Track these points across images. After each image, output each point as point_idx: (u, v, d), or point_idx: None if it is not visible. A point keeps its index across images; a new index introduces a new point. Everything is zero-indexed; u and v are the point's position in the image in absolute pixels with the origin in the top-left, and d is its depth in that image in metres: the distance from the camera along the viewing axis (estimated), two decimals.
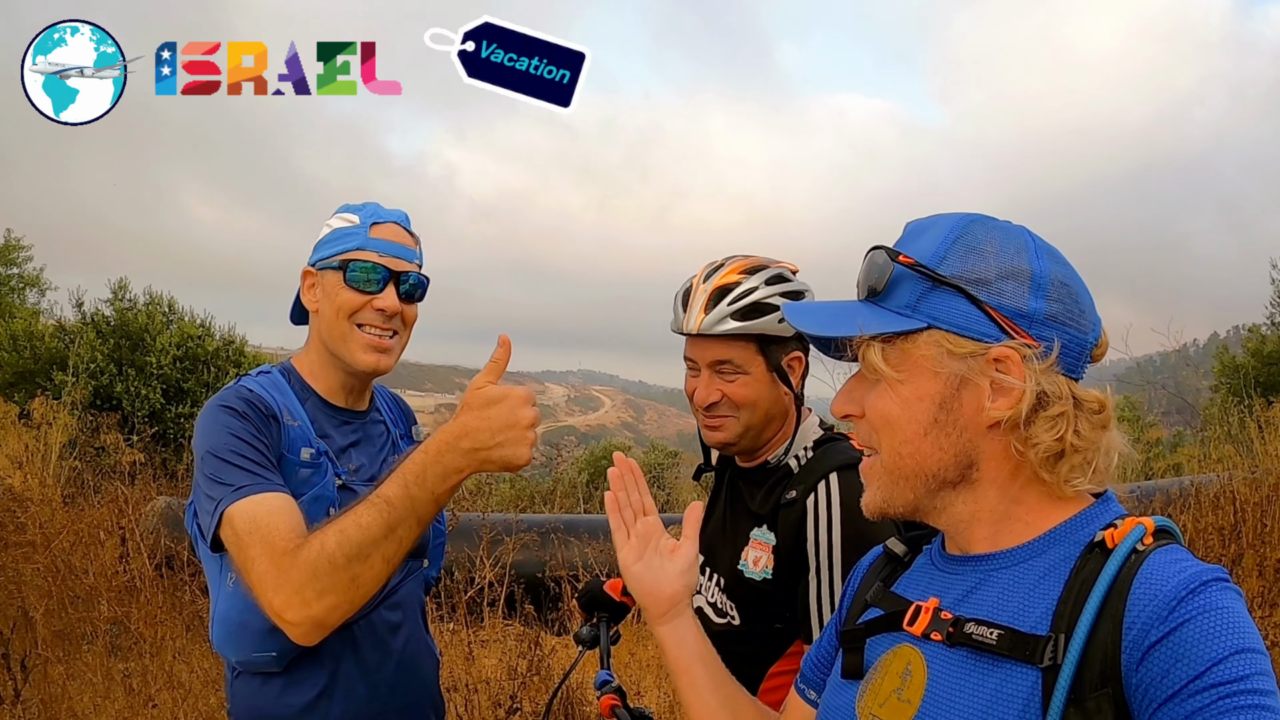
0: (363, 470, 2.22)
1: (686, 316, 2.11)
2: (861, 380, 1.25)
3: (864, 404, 1.24)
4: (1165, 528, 1.12)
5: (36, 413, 8.87)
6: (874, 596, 1.35)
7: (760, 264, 2.13)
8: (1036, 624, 1.08)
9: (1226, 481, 6.32)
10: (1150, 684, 0.97)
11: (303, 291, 2.24)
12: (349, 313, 2.15)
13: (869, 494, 1.26)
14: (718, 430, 2.16)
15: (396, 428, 2.41)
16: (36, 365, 12.41)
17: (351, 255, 2.15)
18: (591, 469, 17.17)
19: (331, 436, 2.20)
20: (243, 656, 2.08)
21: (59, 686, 4.86)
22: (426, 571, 2.39)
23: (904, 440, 1.19)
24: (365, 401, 2.33)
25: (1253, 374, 12.18)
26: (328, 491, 2.08)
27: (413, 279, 2.21)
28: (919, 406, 1.17)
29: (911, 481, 1.20)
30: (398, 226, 2.23)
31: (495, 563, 5.76)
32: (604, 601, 2.75)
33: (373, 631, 2.17)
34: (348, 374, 2.22)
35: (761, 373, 2.11)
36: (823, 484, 2.04)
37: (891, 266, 1.19)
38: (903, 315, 1.17)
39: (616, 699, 2.31)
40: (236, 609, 2.05)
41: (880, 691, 1.23)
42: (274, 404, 2.09)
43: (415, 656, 2.27)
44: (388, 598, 2.21)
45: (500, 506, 11.32)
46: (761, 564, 2.10)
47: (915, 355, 1.16)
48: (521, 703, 4.51)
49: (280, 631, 1.91)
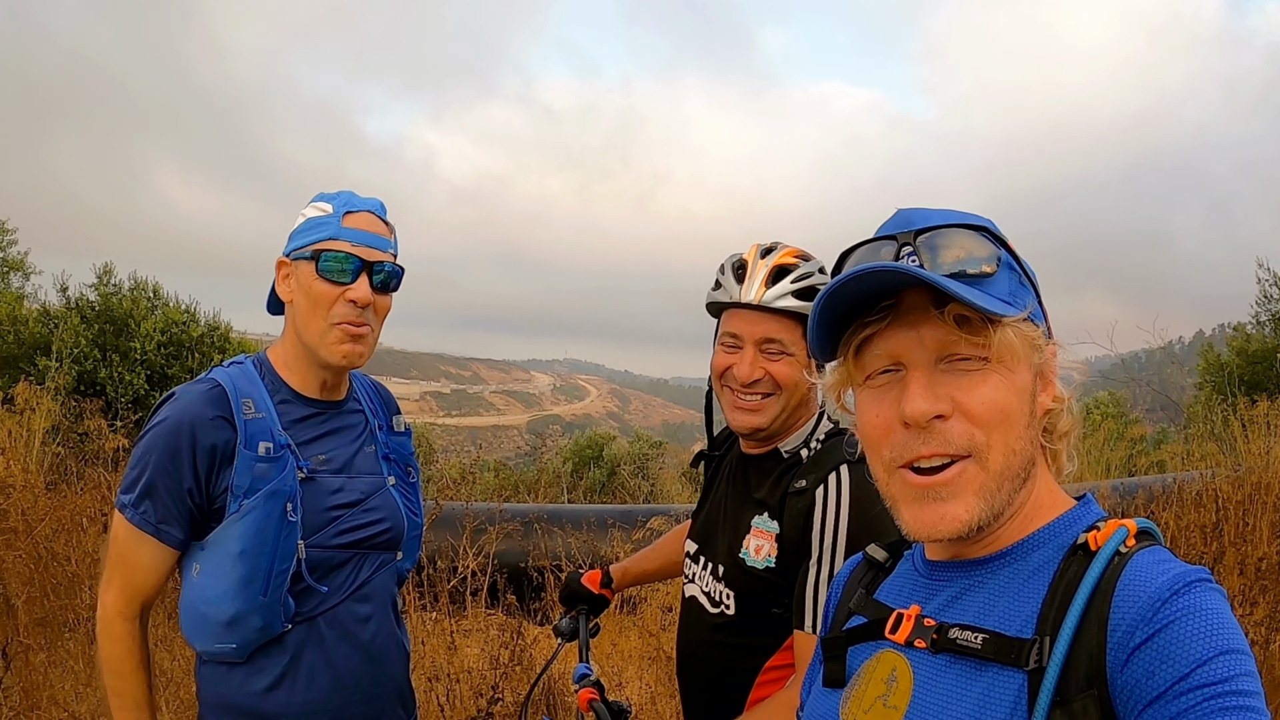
0: (333, 461, 2.22)
1: (745, 288, 2.09)
2: (934, 374, 1.14)
3: (955, 400, 1.12)
4: (1147, 529, 1.12)
5: (19, 398, 8.80)
6: (857, 604, 1.35)
7: (809, 254, 2.15)
8: (1021, 628, 1.08)
9: (1209, 479, 6.35)
10: (1135, 685, 0.97)
11: (277, 282, 2.23)
12: (321, 304, 2.14)
13: (960, 508, 1.13)
14: (755, 413, 2.12)
15: (376, 417, 2.40)
16: (20, 350, 12.30)
17: (324, 245, 2.13)
18: (576, 458, 17.15)
19: (300, 428, 2.19)
20: (204, 646, 2.15)
21: (40, 674, 4.84)
22: (400, 564, 2.38)
23: (1018, 435, 1.14)
24: (341, 391, 2.33)
25: (1237, 372, 12.23)
26: (285, 486, 2.09)
27: (386, 269, 2.20)
28: (1025, 398, 1.15)
29: (1014, 482, 1.15)
30: (372, 215, 2.21)
31: (478, 552, 5.75)
32: (583, 594, 2.75)
33: (339, 623, 2.19)
34: (321, 366, 2.21)
35: (803, 356, 2.10)
36: (833, 475, 2.04)
37: (1000, 251, 1.17)
38: (1006, 302, 1.14)
39: (595, 692, 2.31)
40: (200, 599, 2.11)
41: (865, 698, 1.23)
42: (233, 400, 2.10)
43: (383, 649, 2.28)
44: (357, 590, 2.22)
45: (484, 496, 11.31)
46: (764, 552, 2.09)
47: (1019, 344, 1.13)
48: (503, 693, 4.51)
49: (239, 624, 2.08)
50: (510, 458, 25.58)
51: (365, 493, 2.25)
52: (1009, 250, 1.19)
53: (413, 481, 2.45)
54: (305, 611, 2.14)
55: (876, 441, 1.19)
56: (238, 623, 2.08)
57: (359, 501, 2.23)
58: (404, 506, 2.35)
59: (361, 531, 2.22)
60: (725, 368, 2.14)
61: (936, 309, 1.12)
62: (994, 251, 1.16)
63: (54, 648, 5.12)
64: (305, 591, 2.14)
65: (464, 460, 13.21)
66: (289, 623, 2.12)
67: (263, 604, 2.07)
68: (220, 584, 2.07)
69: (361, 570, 2.24)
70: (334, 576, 2.18)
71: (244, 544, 2.04)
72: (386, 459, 2.37)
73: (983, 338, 1.11)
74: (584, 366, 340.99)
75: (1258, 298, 14.45)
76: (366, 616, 2.23)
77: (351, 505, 2.21)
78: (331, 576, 2.17)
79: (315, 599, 2.15)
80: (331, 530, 2.17)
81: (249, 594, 2.06)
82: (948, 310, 1.11)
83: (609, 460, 16.80)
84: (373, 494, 2.27)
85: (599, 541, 6.92)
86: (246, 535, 2.05)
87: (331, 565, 2.17)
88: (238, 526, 2.05)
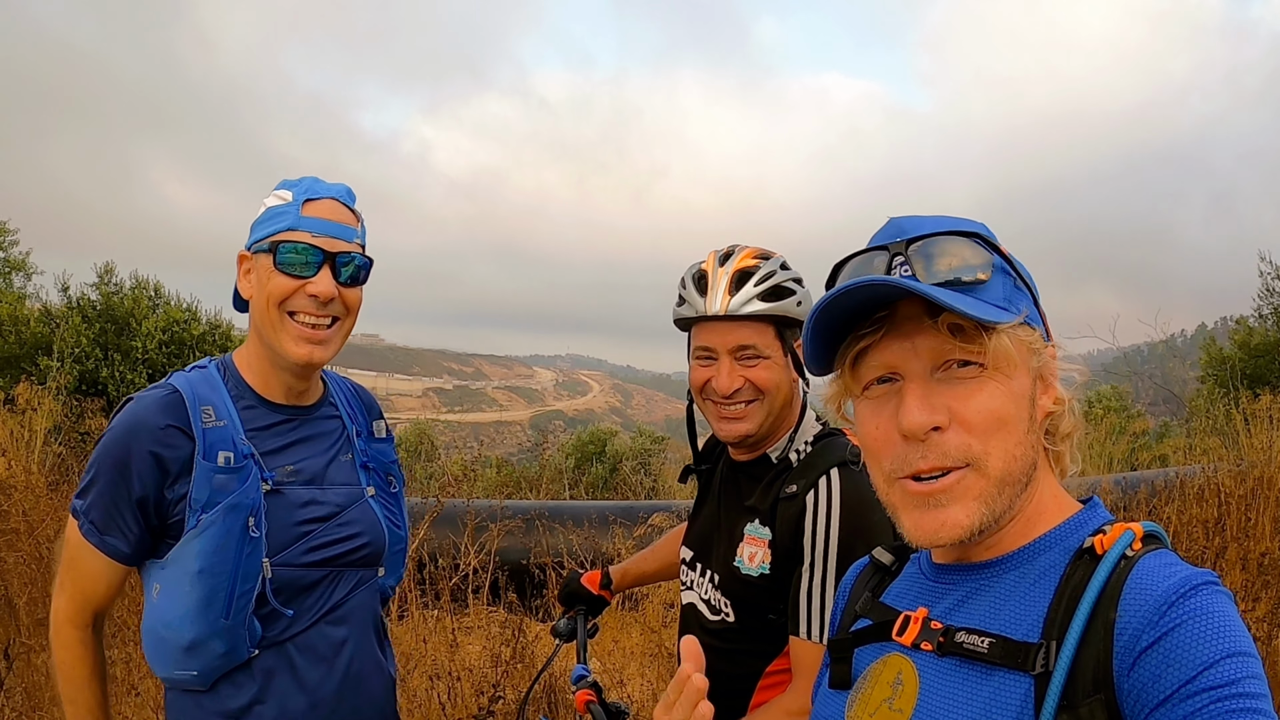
0: (303, 471, 2.07)
1: (708, 300, 2.07)
2: (929, 384, 1.13)
3: (954, 408, 1.12)
4: (1153, 532, 1.12)
5: (21, 398, 8.81)
6: (863, 607, 1.34)
7: (768, 251, 2.12)
8: (1028, 632, 1.08)
9: (1211, 474, 6.34)
10: (1142, 689, 0.97)
11: (239, 278, 2.08)
12: (279, 299, 1.98)
13: (960, 514, 1.12)
14: (740, 421, 2.10)
15: (354, 423, 2.24)
16: (21, 350, 12.32)
17: (282, 236, 1.98)
18: (579, 454, 17.15)
19: (265, 436, 2.05)
20: (165, 673, 2.00)
21: (43, 675, 4.83)
22: (382, 580, 2.22)
23: (1017, 441, 1.13)
24: (312, 396, 2.18)
25: (1239, 366, 12.23)
26: (247, 499, 1.94)
27: (354, 261, 2.04)
28: (1023, 403, 1.15)
29: (1015, 487, 1.14)
30: (335, 203, 2.05)
31: (480, 549, 5.74)
32: (582, 595, 2.74)
33: (312, 647, 2.04)
34: (283, 368, 2.06)
35: (780, 356, 2.09)
36: (824, 479, 2.02)
37: (993, 257, 1.16)
38: (1001, 308, 1.14)
39: (592, 694, 2.30)
40: (159, 622, 1.96)
41: (870, 701, 1.23)
42: (191, 408, 1.96)
43: (361, 674, 2.12)
44: (331, 611, 2.07)
45: (486, 493, 11.31)
46: (758, 560, 2.09)
47: (1016, 349, 1.13)
48: (505, 690, 4.50)
49: (200, 650, 1.93)
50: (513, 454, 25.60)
51: (340, 505, 2.09)
52: (1002, 255, 1.18)
53: (395, 491, 2.28)
54: (273, 636, 1.99)
55: (877, 453, 1.19)
56: (198, 648, 1.93)
57: (333, 515, 2.08)
58: (385, 519, 2.19)
59: (336, 547, 2.06)
60: (704, 382, 2.12)
61: (930, 318, 1.12)
62: (986, 258, 1.15)
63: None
64: (273, 614, 1.98)
65: (466, 457, 13.21)
66: (256, 648, 1.97)
67: (225, 627, 1.92)
68: (179, 606, 1.92)
69: (336, 590, 2.08)
70: (305, 597, 2.03)
71: (202, 562, 1.89)
72: (365, 468, 2.20)
73: (977, 345, 1.10)
74: (586, 362, 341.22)
75: (1260, 291, 14.44)
76: (342, 640, 2.08)
77: (324, 519, 2.06)
78: (302, 598, 2.02)
79: (284, 622, 2.00)
80: (301, 547, 2.01)
81: (209, 617, 1.90)
82: (941, 319, 1.11)
83: (611, 456, 16.81)
84: (349, 506, 2.11)
85: (601, 538, 6.91)
86: (205, 553, 1.89)
87: (302, 585, 2.01)
88: (195, 543, 1.90)
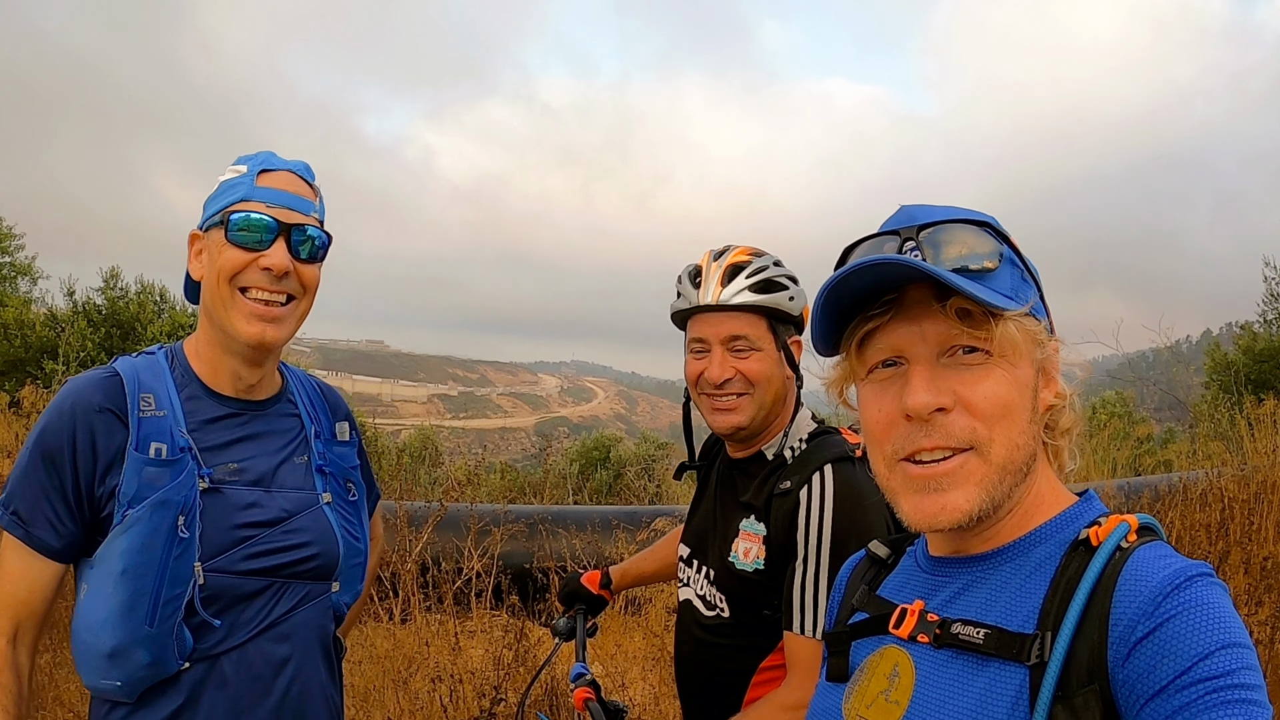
0: (248, 470, 1.92)
1: (701, 291, 2.12)
2: (936, 368, 1.14)
3: (957, 394, 1.13)
4: (1149, 525, 1.12)
5: (26, 401, 8.84)
6: (860, 600, 1.35)
7: (761, 250, 2.17)
8: (1023, 623, 1.08)
9: (1215, 478, 6.33)
10: (1137, 679, 0.97)
11: (190, 259, 1.96)
12: (230, 274, 1.86)
13: (961, 498, 1.13)
14: (731, 413, 2.13)
15: (314, 423, 2.09)
16: (27, 354, 12.36)
17: (235, 207, 1.86)
18: (583, 460, 17.14)
19: (209, 430, 1.90)
20: (90, 681, 1.84)
21: (46, 675, 4.84)
22: (336, 596, 2.04)
23: (1021, 430, 1.14)
24: (267, 390, 2.03)
25: (1244, 371, 12.23)
26: (178, 495, 1.79)
27: (310, 234, 1.91)
28: (1027, 393, 1.15)
29: (1016, 475, 1.15)
30: (292, 175, 1.94)
31: (483, 553, 5.75)
32: (582, 594, 2.76)
33: (247, 665, 1.87)
34: (235, 354, 1.93)
35: (772, 350, 2.12)
36: (817, 475, 2.04)
37: (1002, 248, 1.18)
38: (1008, 296, 1.15)
39: (590, 692, 2.31)
40: (83, 626, 1.81)
41: (867, 693, 1.23)
42: (129, 393, 1.84)
43: (302, 699, 1.94)
44: (272, 626, 1.90)
45: (490, 498, 11.31)
46: (752, 555, 2.10)
47: (1022, 339, 1.14)
48: (506, 693, 4.51)
49: (122, 658, 1.77)
50: (518, 459, 25.58)
51: (288, 510, 1.94)
52: (1011, 246, 1.20)
53: (354, 500, 2.11)
54: (205, 648, 1.82)
55: (879, 436, 1.19)
56: (120, 656, 1.76)
57: (279, 520, 1.92)
58: (340, 529, 2.02)
59: (279, 556, 1.90)
60: (698, 374, 2.17)
61: (938, 303, 1.13)
62: (996, 247, 1.16)
63: (60, 649, 5.12)
64: (205, 625, 1.82)
65: (469, 462, 13.21)
66: (186, 660, 1.81)
67: (149, 635, 1.75)
68: (102, 609, 1.76)
69: (279, 603, 1.91)
70: (243, 609, 1.86)
71: (126, 561, 1.74)
72: (321, 472, 2.04)
73: (984, 331, 1.11)
74: (591, 368, 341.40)
75: (1265, 296, 14.44)
76: (283, 659, 1.91)
77: (268, 524, 1.90)
78: (239, 608, 1.86)
79: (217, 634, 1.83)
80: (239, 552, 1.85)
81: (132, 623, 1.74)
82: (949, 304, 1.12)
83: (615, 462, 16.81)
84: (298, 513, 1.95)
85: (604, 542, 6.91)
86: (130, 552, 1.74)
87: (239, 595, 1.85)
88: (121, 541, 1.75)
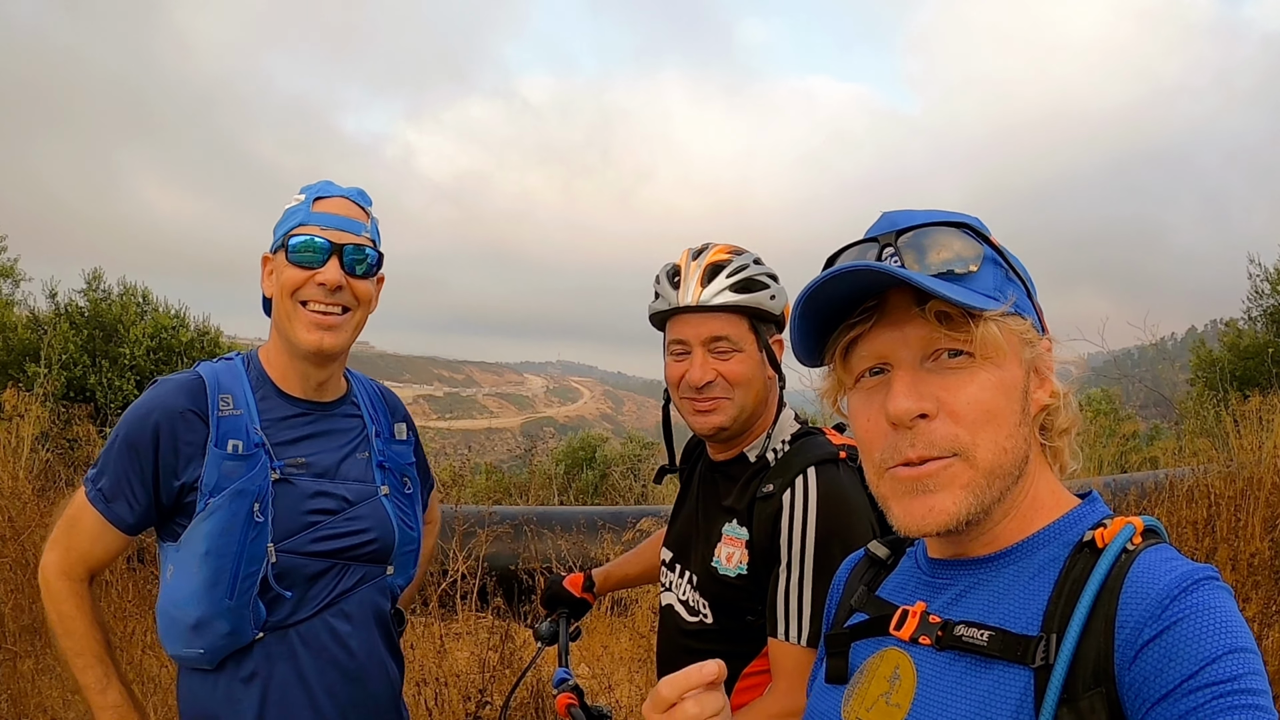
0: (315, 464, 2.16)
1: (680, 293, 2.08)
2: (919, 373, 1.13)
3: (940, 400, 1.12)
4: (1153, 527, 1.11)
5: (8, 404, 8.77)
6: (858, 601, 1.33)
7: (741, 248, 2.14)
8: (1028, 625, 1.07)
9: (1202, 475, 6.36)
10: (1143, 683, 0.96)
11: (263, 279, 2.20)
12: (291, 289, 2.11)
13: (947, 501, 1.12)
14: (712, 414, 2.10)
15: (375, 424, 2.34)
16: (9, 357, 12.28)
17: (294, 231, 2.11)
18: (569, 460, 17.12)
19: (280, 427, 2.15)
20: (175, 650, 2.11)
21: (28, 681, 4.81)
22: (391, 579, 2.29)
23: (1008, 434, 1.13)
24: (332, 392, 2.28)
25: (1229, 368, 12.29)
26: (253, 485, 2.05)
27: (363, 254, 2.15)
28: (1015, 395, 1.14)
29: (1005, 479, 1.14)
30: (345, 200, 2.18)
31: (468, 555, 5.73)
32: (565, 598, 2.72)
33: (315, 638, 2.12)
34: (302, 360, 2.17)
35: (754, 350, 2.09)
36: (800, 478, 2.01)
37: (983, 248, 1.16)
38: (990, 297, 1.14)
39: (573, 697, 2.28)
40: (170, 602, 2.07)
41: (867, 695, 1.22)
42: (210, 394, 2.08)
43: (364, 670, 2.20)
44: (335, 603, 2.16)
45: (475, 499, 11.29)
46: (735, 560, 2.07)
47: (1007, 340, 1.12)
48: (491, 696, 4.49)
49: (205, 628, 2.04)
50: (504, 460, 25.58)
51: (350, 500, 2.19)
52: (992, 246, 1.18)
53: (410, 493, 2.37)
54: (276, 621, 2.09)
55: (869, 445, 1.18)
56: (204, 626, 2.03)
57: (341, 508, 2.17)
58: (396, 518, 2.27)
59: (342, 540, 2.15)
60: (679, 376, 2.12)
61: (919, 307, 1.12)
62: (977, 249, 1.16)
63: (42, 655, 5.08)
64: (277, 599, 2.08)
65: (455, 463, 13.20)
66: (260, 630, 2.07)
67: (229, 608, 2.02)
68: (187, 585, 2.03)
69: (341, 582, 2.16)
70: (308, 586, 2.11)
71: (209, 543, 2.01)
72: (381, 467, 2.29)
73: (965, 333, 1.10)
74: (577, 368, 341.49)
75: (1249, 293, 14.51)
76: (346, 633, 2.16)
77: (333, 512, 2.15)
78: (305, 586, 2.11)
79: (287, 608, 2.09)
80: (307, 536, 2.10)
81: (214, 597, 2.01)
82: (929, 307, 1.11)
83: (601, 462, 16.79)
84: (359, 502, 2.20)
85: (589, 543, 6.90)
86: (212, 535, 2.01)
87: (306, 574, 2.10)
88: (204, 526, 2.02)
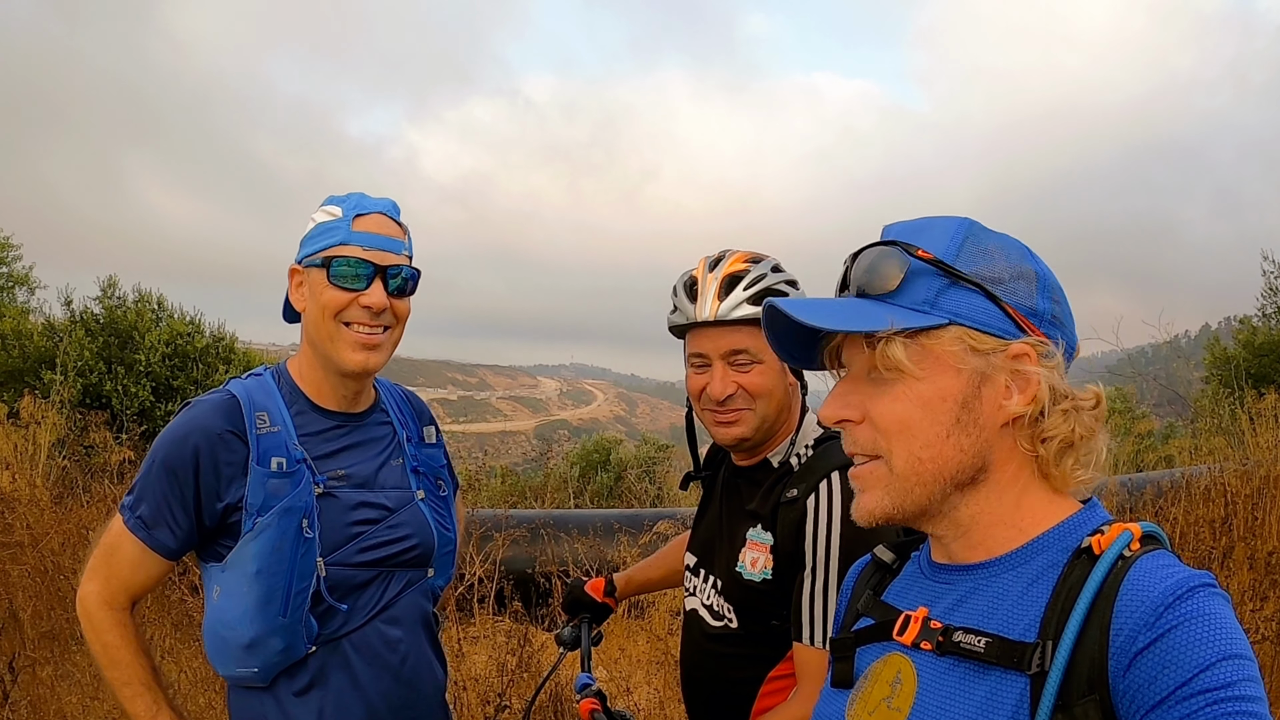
0: (354, 475, 2.15)
1: (698, 306, 2.08)
2: (857, 383, 1.20)
3: (865, 408, 1.18)
4: (1152, 533, 1.11)
5: (25, 412, 8.84)
6: (865, 605, 1.34)
7: (759, 255, 2.13)
8: (1025, 631, 1.08)
9: (1217, 474, 6.32)
10: (1137, 690, 0.97)
11: (290, 290, 2.17)
12: (334, 311, 2.08)
13: (870, 500, 1.20)
14: (734, 425, 2.10)
15: (404, 429, 2.33)
16: (25, 364, 12.34)
17: (335, 251, 2.07)
18: (584, 463, 17.11)
19: (317, 441, 2.13)
20: (227, 671, 2.10)
21: (48, 688, 4.83)
22: (432, 581, 2.30)
23: (924, 444, 1.15)
24: (363, 403, 2.26)
25: (1244, 365, 12.20)
26: (300, 502, 2.03)
27: (403, 273, 2.14)
28: (942, 407, 1.15)
29: (928, 486, 1.17)
30: (383, 217, 2.14)
31: (485, 559, 5.74)
32: (586, 602, 2.72)
33: (367, 646, 2.12)
34: (338, 375, 2.15)
35: (774, 360, 2.08)
36: (824, 483, 2.01)
37: (909, 262, 1.17)
38: (920, 312, 1.15)
39: (596, 703, 2.28)
40: (220, 623, 2.06)
41: (870, 699, 1.23)
42: (246, 413, 2.05)
43: (415, 673, 2.21)
44: (384, 610, 2.16)
45: (491, 502, 11.30)
46: (760, 565, 2.07)
47: (938, 352, 1.14)
48: (510, 700, 4.50)
49: (259, 647, 2.03)
50: (518, 463, 25.56)
51: (390, 507, 2.18)
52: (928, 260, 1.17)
53: (444, 495, 2.36)
54: (329, 633, 2.08)
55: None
56: (258, 645, 2.02)
57: (383, 517, 2.16)
58: (434, 521, 2.26)
59: (386, 548, 2.15)
60: (700, 389, 2.12)
61: None
62: (900, 265, 1.17)
63: (61, 661, 5.12)
64: (328, 612, 2.07)
65: (470, 467, 13.22)
66: (313, 644, 2.06)
67: (283, 625, 2.01)
68: (238, 606, 2.01)
69: (388, 589, 2.17)
70: (357, 596, 2.11)
71: (260, 563, 1.99)
72: (415, 472, 2.29)
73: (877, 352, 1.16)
74: (590, 371, 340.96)
75: (1264, 290, 14.42)
76: (396, 638, 2.17)
77: (375, 521, 2.15)
78: (354, 596, 2.11)
79: (339, 619, 2.09)
80: (353, 547, 2.10)
81: (267, 615, 2.00)
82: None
83: (616, 464, 16.77)
84: (399, 509, 2.19)
85: (606, 547, 6.90)
86: (262, 554, 1.99)
87: (354, 584, 2.10)
88: (253, 545, 2.00)
